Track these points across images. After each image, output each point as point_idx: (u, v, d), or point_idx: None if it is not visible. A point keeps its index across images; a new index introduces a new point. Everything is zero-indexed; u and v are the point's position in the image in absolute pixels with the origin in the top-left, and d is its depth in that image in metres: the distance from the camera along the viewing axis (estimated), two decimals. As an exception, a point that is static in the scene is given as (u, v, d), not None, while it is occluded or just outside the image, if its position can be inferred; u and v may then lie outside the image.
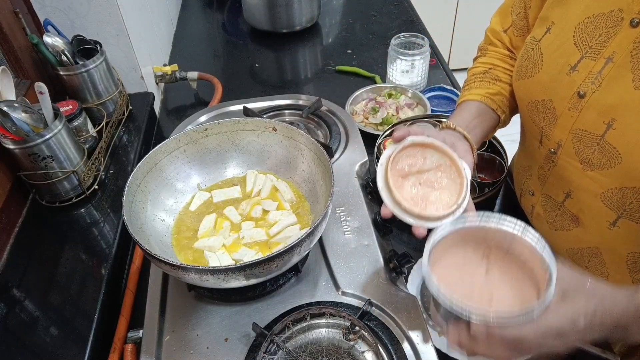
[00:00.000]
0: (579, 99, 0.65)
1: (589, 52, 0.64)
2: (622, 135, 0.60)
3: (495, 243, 0.60)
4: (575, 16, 0.66)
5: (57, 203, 0.92)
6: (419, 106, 1.21)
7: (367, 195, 0.90)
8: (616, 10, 0.61)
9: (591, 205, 0.69)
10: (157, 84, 1.34)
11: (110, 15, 1.09)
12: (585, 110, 0.64)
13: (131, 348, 0.72)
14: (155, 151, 0.79)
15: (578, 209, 0.72)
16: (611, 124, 0.61)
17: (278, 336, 0.66)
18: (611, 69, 0.61)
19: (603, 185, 0.66)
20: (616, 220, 0.67)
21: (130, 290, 0.82)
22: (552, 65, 0.68)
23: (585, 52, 0.64)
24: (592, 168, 0.66)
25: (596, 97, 0.63)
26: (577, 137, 0.66)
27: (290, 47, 1.59)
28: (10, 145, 0.83)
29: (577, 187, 0.71)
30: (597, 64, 0.63)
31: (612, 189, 0.65)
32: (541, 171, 0.77)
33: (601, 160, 0.64)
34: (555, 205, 0.77)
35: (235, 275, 0.62)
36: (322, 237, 0.80)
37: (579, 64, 0.65)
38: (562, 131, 0.69)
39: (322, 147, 0.76)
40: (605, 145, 0.62)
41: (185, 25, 1.75)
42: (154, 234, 0.75)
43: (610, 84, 0.61)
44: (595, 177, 0.66)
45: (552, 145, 0.72)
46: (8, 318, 0.73)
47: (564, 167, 0.71)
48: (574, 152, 0.68)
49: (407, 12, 1.72)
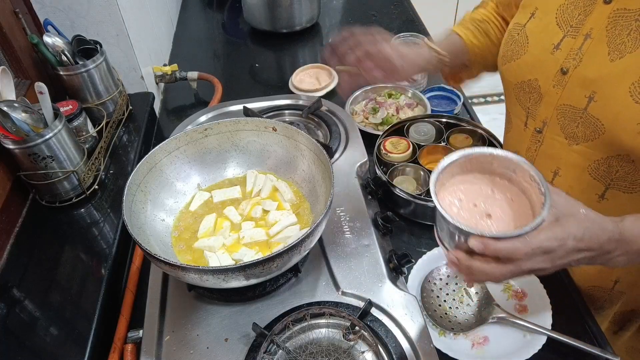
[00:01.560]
0: (562, 75, 0.68)
1: (570, 31, 0.67)
2: (604, 107, 0.63)
3: (499, 170, 0.62)
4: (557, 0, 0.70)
5: (57, 203, 0.92)
6: (419, 106, 1.21)
7: (367, 195, 0.90)
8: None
9: (580, 179, 0.71)
10: (157, 84, 1.34)
11: (110, 15, 1.09)
12: (569, 86, 0.67)
13: (131, 348, 0.72)
14: (155, 151, 0.79)
15: (567, 186, 0.74)
16: (592, 97, 0.64)
17: (278, 336, 0.66)
18: (590, 45, 0.65)
19: (589, 157, 0.68)
20: (604, 192, 0.69)
21: (130, 290, 0.82)
22: (538, 46, 0.72)
23: (567, 31, 0.68)
24: (577, 142, 0.69)
25: (578, 72, 0.66)
26: (562, 112, 0.69)
27: (290, 47, 1.59)
28: (10, 145, 0.83)
29: (564, 164, 0.73)
30: (577, 40, 0.66)
31: (599, 160, 0.67)
32: (528, 153, 0.80)
33: (585, 133, 0.67)
34: None
35: (235, 275, 0.62)
36: (322, 237, 0.80)
37: (561, 43, 0.68)
38: (548, 108, 0.71)
39: (322, 147, 0.76)
40: (589, 117, 0.65)
41: (185, 25, 1.75)
42: (154, 234, 0.75)
43: (590, 59, 0.65)
44: (582, 151, 0.69)
45: (537, 124, 0.75)
46: (8, 318, 0.73)
47: (551, 144, 0.74)
48: (559, 128, 0.70)
49: (407, 12, 1.72)
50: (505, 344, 0.73)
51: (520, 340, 0.73)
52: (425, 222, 0.93)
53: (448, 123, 1.08)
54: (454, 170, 0.62)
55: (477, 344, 0.74)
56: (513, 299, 0.79)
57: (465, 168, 0.62)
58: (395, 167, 0.99)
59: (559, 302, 0.76)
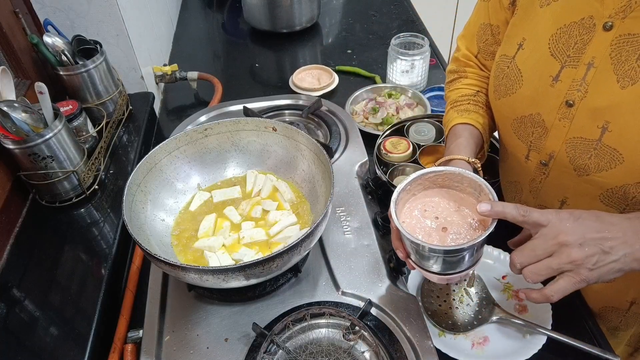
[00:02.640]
0: (568, 107, 0.65)
1: (568, 61, 0.64)
2: (621, 136, 0.61)
3: (443, 183, 0.67)
4: (546, 28, 0.67)
5: (57, 203, 0.92)
6: (419, 106, 1.21)
7: (367, 195, 0.90)
8: (586, 17, 0.62)
9: (590, 205, 0.69)
10: (157, 84, 1.34)
11: (110, 15, 1.09)
12: (577, 118, 0.65)
13: (131, 348, 0.72)
14: (155, 151, 0.79)
15: None
16: (606, 127, 0.62)
17: (278, 336, 0.66)
18: (594, 74, 0.62)
19: (602, 186, 0.66)
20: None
21: (130, 290, 0.82)
22: (534, 79, 0.69)
23: (565, 61, 0.65)
24: (588, 173, 0.66)
25: (585, 103, 0.63)
26: (572, 145, 0.67)
27: (290, 47, 1.59)
28: (10, 145, 0.83)
29: (573, 193, 0.72)
30: (578, 71, 0.63)
31: (613, 189, 0.65)
32: (533, 184, 0.78)
33: (599, 164, 0.64)
34: None
35: (235, 275, 0.62)
36: (322, 237, 0.80)
37: (560, 74, 0.65)
38: (556, 142, 0.69)
39: (322, 147, 0.76)
40: (604, 148, 0.63)
41: (185, 25, 1.75)
42: (154, 234, 0.75)
43: (597, 88, 0.62)
44: (593, 180, 0.67)
45: (543, 157, 0.72)
46: (8, 318, 0.73)
47: (558, 176, 0.72)
48: (568, 160, 0.68)
49: (407, 12, 1.72)
50: (505, 344, 0.73)
51: (520, 340, 0.73)
52: (425, 222, 0.93)
53: (448, 123, 1.08)
54: (410, 192, 0.67)
55: (477, 344, 0.74)
56: (513, 299, 0.79)
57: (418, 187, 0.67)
58: (395, 167, 0.99)
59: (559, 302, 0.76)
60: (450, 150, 0.78)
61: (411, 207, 0.67)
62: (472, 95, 0.85)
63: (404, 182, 0.65)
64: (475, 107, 0.84)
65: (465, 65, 0.89)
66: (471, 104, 0.84)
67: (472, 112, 0.83)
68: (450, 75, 0.92)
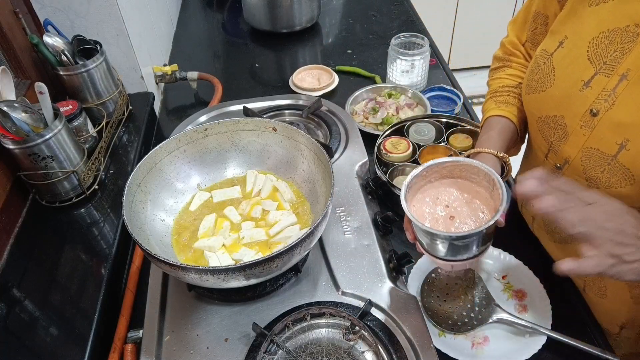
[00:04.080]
0: (592, 116, 0.63)
1: (603, 68, 0.61)
2: (636, 156, 0.58)
3: (460, 174, 0.67)
4: (589, 30, 0.64)
5: (57, 203, 0.92)
6: (419, 106, 1.21)
7: (367, 195, 0.90)
8: (632, 25, 0.59)
9: None
10: (157, 84, 1.34)
11: (110, 15, 1.09)
12: (598, 129, 0.62)
13: (131, 348, 0.72)
14: (155, 151, 0.79)
15: None
16: (624, 144, 0.59)
17: (278, 336, 0.66)
18: (625, 87, 0.59)
19: None
20: None
21: (130, 290, 0.82)
22: (565, 81, 0.66)
23: (599, 68, 0.62)
24: (598, 186, 0.64)
25: (609, 116, 0.61)
26: (588, 155, 0.65)
27: (290, 47, 1.59)
28: (10, 145, 0.83)
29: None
30: (610, 80, 0.60)
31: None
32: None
33: (610, 180, 0.62)
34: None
35: (235, 275, 0.62)
36: (322, 237, 0.80)
37: (592, 80, 0.62)
38: (573, 148, 0.67)
39: (322, 147, 0.76)
40: (617, 165, 0.61)
41: (185, 25, 1.75)
42: (154, 234, 0.75)
43: (625, 103, 0.59)
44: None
45: (559, 160, 0.70)
46: (8, 318, 0.73)
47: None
48: (582, 170, 0.66)
49: (407, 12, 1.72)
50: (505, 344, 0.73)
51: (520, 340, 0.73)
52: (425, 222, 0.93)
53: (448, 123, 1.08)
54: (420, 180, 0.67)
55: (477, 344, 0.74)
56: (513, 299, 0.79)
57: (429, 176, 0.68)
58: (395, 167, 0.99)
59: (559, 302, 0.76)
60: (481, 142, 0.77)
61: (425, 194, 0.67)
62: (514, 87, 0.83)
63: (420, 167, 0.66)
64: (515, 99, 0.81)
65: (511, 54, 0.86)
66: (511, 95, 0.81)
67: (510, 104, 0.80)
68: (495, 62, 0.89)
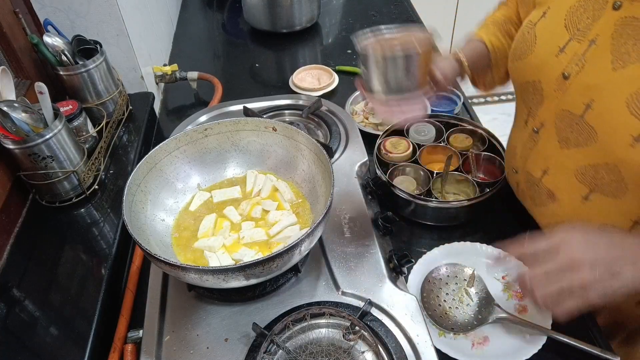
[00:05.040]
0: (564, 80, 0.67)
1: (577, 35, 0.66)
2: (599, 115, 0.63)
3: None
4: (568, 0, 0.69)
5: (57, 203, 0.92)
6: (419, 106, 1.21)
7: (367, 195, 0.90)
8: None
9: (566, 180, 0.72)
10: (157, 84, 1.34)
11: (110, 15, 1.09)
12: (569, 91, 0.67)
13: (131, 348, 0.72)
14: (155, 151, 0.79)
15: (554, 186, 0.75)
16: (590, 105, 0.63)
17: (278, 336, 0.66)
18: (594, 51, 0.63)
19: (578, 162, 0.68)
20: (588, 195, 0.70)
21: (130, 290, 0.82)
22: (544, 47, 0.71)
23: (573, 34, 0.66)
24: (569, 146, 0.69)
25: (579, 78, 0.65)
26: (560, 117, 0.69)
27: (290, 47, 1.59)
28: (10, 145, 0.83)
29: (554, 164, 0.74)
30: (581, 46, 0.65)
31: (586, 166, 0.67)
32: (524, 150, 0.80)
33: (578, 139, 0.67)
34: (534, 182, 0.79)
35: (235, 275, 0.62)
36: (322, 237, 0.80)
37: (566, 46, 0.67)
38: (547, 112, 0.72)
39: (322, 147, 0.76)
40: (584, 124, 0.65)
41: (185, 25, 1.75)
42: (154, 234, 0.75)
43: (592, 66, 0.64)
44: (571, 155, 0.69)
45: (536, 124, 0.75)
46: (8, 318, 0.73)
47: (544, 145, 0.74)
48: (555, 131, 0.71)
49: (407, 12, 1.72)
50: (505, 344, 0.73)
51: (520, 340, 0.73)
52: (425, 222, 0.93)
53: (448, 123, 1.08)
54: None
55: (477, 344, 0.74)
56: (513, 299, 0.79)
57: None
58: (395, 167, 0.99)
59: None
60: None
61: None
62: (502, 22, 0.89)
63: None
64: (496, 28, 0.88)
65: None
66: (494, 25, 0.88)
67: (491, 33, 0.88)
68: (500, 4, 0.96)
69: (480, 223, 0.93)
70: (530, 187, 0.81)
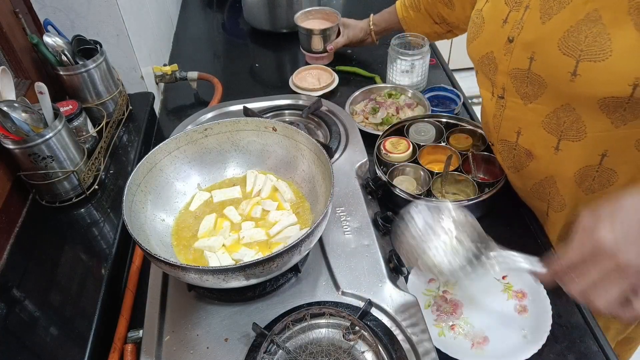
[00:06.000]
0: (510, 43, 0.77)
1: (515, 6, 0.76)
2: (542, 63, 0.72)
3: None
4: None
5: (57, 203, 0.92)
6: (419, 106, 1.21)
7: (367, 195, 0.90)
8: None
9: (537, 135, 0.79)
10: (157, 84, 1.34)
11: (110, 15, 1.09)
12: (515, 52, 0.76)
13: (131, 348, 0.72)
14: (155, 151, 0.79)
15: (530, 143, 0.82)
16: (533, 57, 0.73)
17: (278, 336, 0.66)
18: (528, 14, 0.74)
19: (541, 113, 0.76)
20: (558, 144, 0.77)
21: (130, 290, 0.82)
22: (491, 24, 0.81)
23: (512, 6, 0.77)
24: (530, 100, 0.77)
25: (520, 38, 0.75)
26: (513, 76, 0.77)
27: (290, 47, 1.59)
28: (10, 145, 0.83)
29: (524, 123, 0.81)
30: (519, 13, 0.75)
31: (549, 114, 0.75)
32: (495, 119, 0.87)
33: (534, 90, 0.75)
34: (511, 147, 0.86)
35: (235, 275, 0.62)
36: (322, 237, 0.80)
37: (508, 17, 0.77)
38: (503, 75, 0.80)
39: (322, 147, 0.76)
40: (533, 75, 0.74)
41: (185, 25, 1.75)
42: (154, 234, 0.75)
43: (528, 25, 0.74)
44: (534, 108, 0.77)
45: (499, 91, 0.83)
46: (8, 318, 0.73)
47: (512, 107, 0.81)
48: (515, 90, 0.79)
49: (407, 12, 1.71)
50: (505, 344, 0.73)
51: (520, 340, 0.73)
52: (425, 222, 0.93)
53: (448, 123, 1.08)
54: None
55: (477, 344, 0.74)
56: (513, 299, 0.79)
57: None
58: (395, 167, 0.99)
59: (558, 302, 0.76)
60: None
61: None
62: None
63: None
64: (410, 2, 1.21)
65: None
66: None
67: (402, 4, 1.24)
68: None
69: (480, 223, 0.93)
70: (509, 154, 0.87)
